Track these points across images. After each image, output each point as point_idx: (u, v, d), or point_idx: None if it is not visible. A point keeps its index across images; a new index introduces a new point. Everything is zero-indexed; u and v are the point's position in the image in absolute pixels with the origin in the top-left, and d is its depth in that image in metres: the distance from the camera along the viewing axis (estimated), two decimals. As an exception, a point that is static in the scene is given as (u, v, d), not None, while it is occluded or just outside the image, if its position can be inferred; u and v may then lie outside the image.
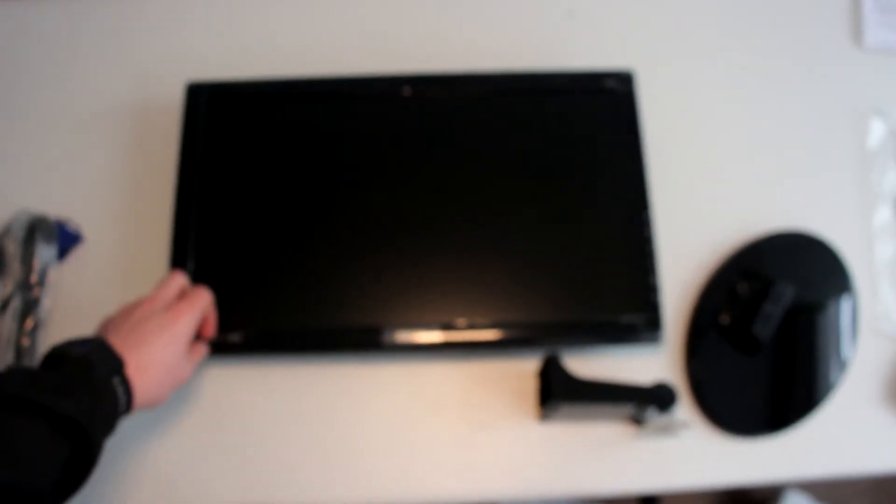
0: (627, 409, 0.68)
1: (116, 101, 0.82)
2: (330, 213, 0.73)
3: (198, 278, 0.70)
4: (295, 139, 0.75)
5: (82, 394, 0.52)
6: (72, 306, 0.73)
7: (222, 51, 0.84)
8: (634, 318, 0.71)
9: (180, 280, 0.67)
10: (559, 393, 0.65)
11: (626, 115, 0.77)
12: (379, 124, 0.76)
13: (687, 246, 0.78)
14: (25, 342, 0.68)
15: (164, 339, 0.60)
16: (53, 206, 0.75)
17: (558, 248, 0.73)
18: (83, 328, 0.72)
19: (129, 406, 0.57)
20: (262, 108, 0.77)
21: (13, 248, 0.71)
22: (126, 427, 0.68)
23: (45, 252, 0.71)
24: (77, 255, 0.75)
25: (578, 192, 0.75)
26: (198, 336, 0.66)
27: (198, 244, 0.71)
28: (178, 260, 0.71)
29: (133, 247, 0.75)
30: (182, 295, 0.65)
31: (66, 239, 0.74)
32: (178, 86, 0.77)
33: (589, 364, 0.71)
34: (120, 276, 0.75)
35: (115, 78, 0.83)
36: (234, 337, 0.69)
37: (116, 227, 0.76)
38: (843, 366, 0.73)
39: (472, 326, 0.70)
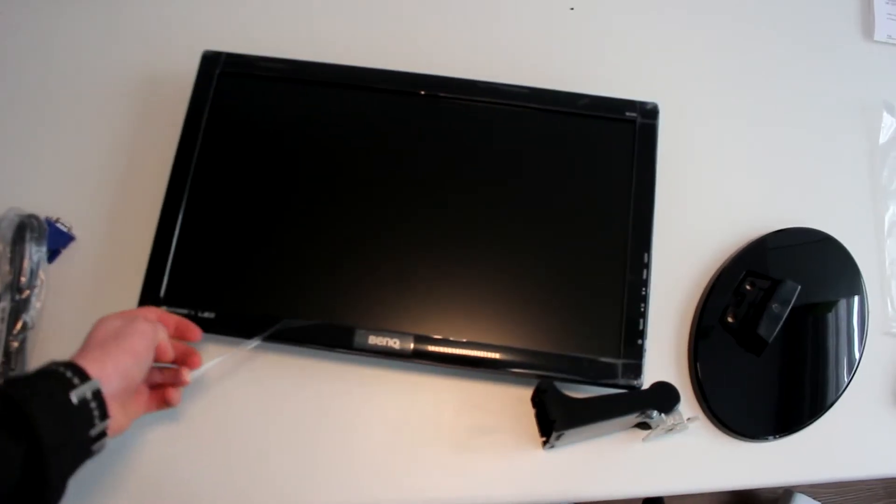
0: (632, 417, 0.66)
1: (110, 97, 0.80)
2: (325, 202, 0.71)
3: (180, 253, 0.69)
4: (301, 124, 0.74)
5: (14, 381, 0.50)
6: (63, 308, 0.71)
7: (237, 38, 0.82)
8: (616, 361, 0.67)
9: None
10: (560, 421, 0.63)
11: (645, 148, 0.73)
12: (388, 121, 0.74)
13: (691, 244, 0.76)
14: (14, 345, 0.67)
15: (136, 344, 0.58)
16: (44, 205, 0.74)
17: (551, 275, 0.70)
18: (74, 331, 0.70)
19: (81, 375, 0.52)
20: (273, 86, 0.75)
21: (1, 249, 0.69)
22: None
23: (35, 252, 0.70)
24: (68, 255, 0.74)
25: (581, 221, 0.72)
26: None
27: (186, 216, 0.70)
28: (164, 233, 0.70)
29: (126, 247, 0.74)
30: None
31: (56, 239, 0.73)
32: (177, 78, 0.76)
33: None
34: (112, 277, 0.73)
35: (116, 59, 0.82)
36: (207, 314, 0.67)
37: (109, 226, 0.75)
38: (851, 366, 0.72)
39: (445, 342, 0.67)
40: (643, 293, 0.69)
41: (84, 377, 0.52)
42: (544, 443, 0.68)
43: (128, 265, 0.72)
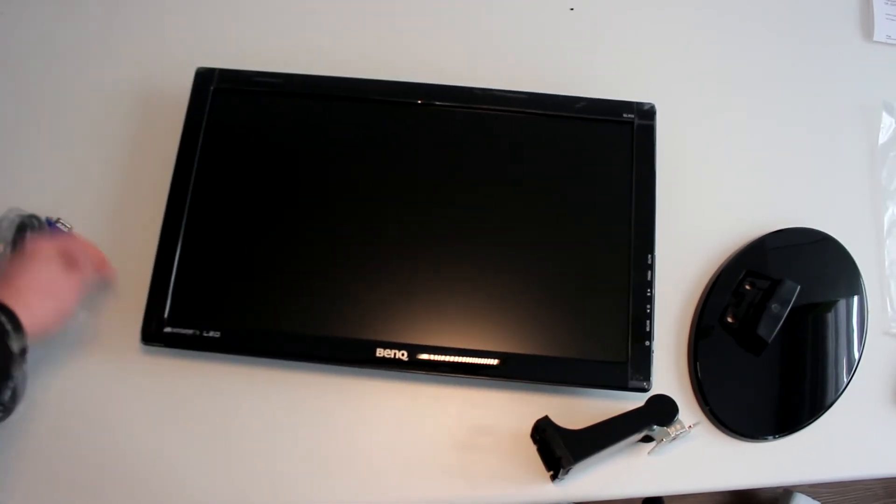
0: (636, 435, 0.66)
1: (113, 99, 0.80)
2: (325, 215, 0.71)
3: (182, 272, 0.69)
4: (298, 137, 0.74)
5: None
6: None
7: (229, 53, 0.81)
8: (624, 364, 0.67)
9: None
10: (566, 457, 0.63)
11: (643, 149, 0.73)
12: (386, 132, 0.74)
13: (691, 244, 0.76)
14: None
15: (36, 264, 0.63)
16: (44, 205, 0.74)
17: (555, 280, 0.70)
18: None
19: (16, 326, 0.58)
20: (268, 101, 0.75)
21: (2, 249, 0.69)
22: (119, 418, 0.68)
23: (35, 252, 0.70)
24: (68, 255, 0.74)
25: (583, 224, 0.71)
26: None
27: (187, 235, 0.70)
28: (166, 250, 0.70)
29: (125, 247, 0.74)
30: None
31: (57, 239, 0.73)
32: (178, 84, 0.76)
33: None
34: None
35: (111, 75, 0.81)
36: (213, 333, 0.67)
37: (108, 226, 0.75)
38: (851, 366, 0.72)
39: (456, 351, 0.67)
40: (648, 294, 0.69)
41: (16, 324, 0.58)
42: (552, 476, 0.67)
43: (127, 265, 0.72)
